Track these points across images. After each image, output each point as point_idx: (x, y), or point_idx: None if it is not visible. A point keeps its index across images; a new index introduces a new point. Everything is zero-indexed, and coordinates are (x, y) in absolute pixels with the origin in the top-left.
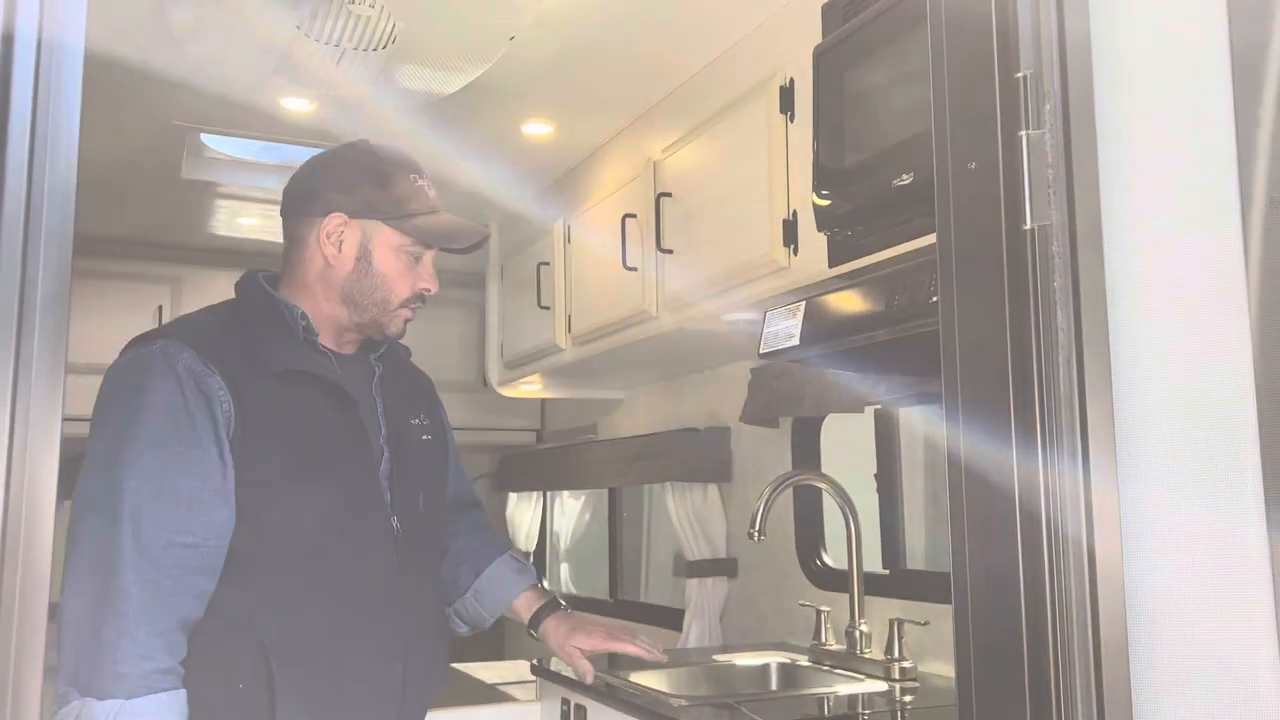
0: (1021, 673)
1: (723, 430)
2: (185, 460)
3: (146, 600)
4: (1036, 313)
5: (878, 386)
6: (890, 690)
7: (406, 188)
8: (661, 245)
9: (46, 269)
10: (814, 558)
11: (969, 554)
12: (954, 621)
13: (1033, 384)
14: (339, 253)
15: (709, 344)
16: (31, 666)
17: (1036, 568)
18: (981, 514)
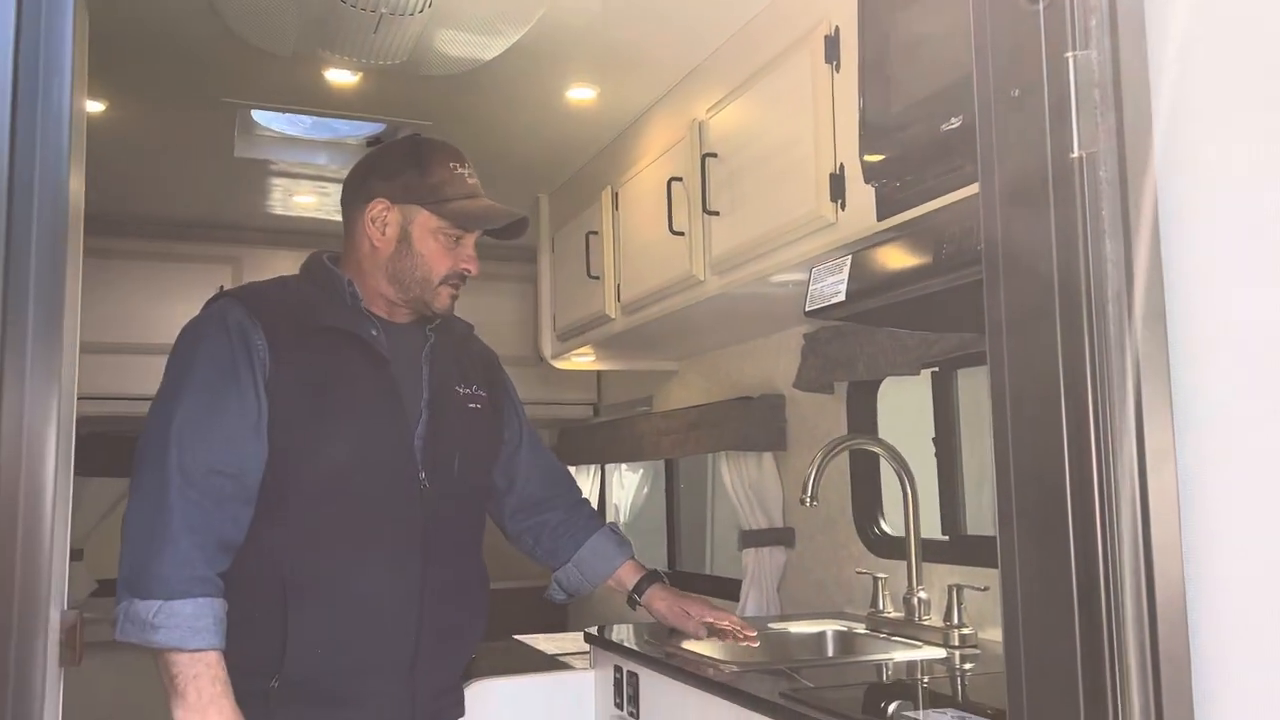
0: (1074, 641)
1: (776, 398)
2: (227, 400)
3: (189, 516)
4: (1085, 245)
5: (934, 347)
6: (949, 657)
7: (445, 174)
8: (707, 207)
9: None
10: (872, 525)
11: (1015, 509)
12: (1001, 590)
13: (1081, 322)
14: (383, 235)
15: (760, 309)
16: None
17: (1088, 518)
18: (1028, 462)
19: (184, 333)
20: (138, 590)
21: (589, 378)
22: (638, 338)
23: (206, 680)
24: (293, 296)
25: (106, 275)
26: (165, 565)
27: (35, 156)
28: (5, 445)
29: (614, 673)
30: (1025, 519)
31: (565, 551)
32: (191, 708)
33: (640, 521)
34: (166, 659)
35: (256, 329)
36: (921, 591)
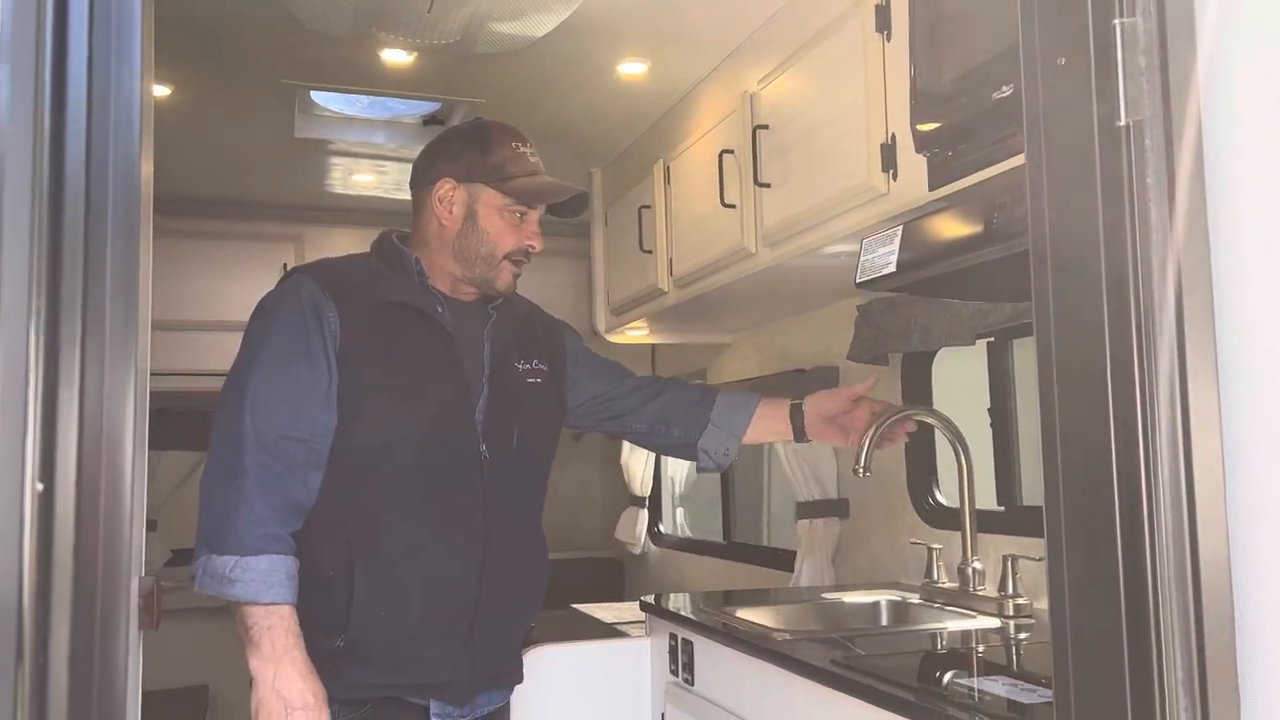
0: (1119, 610)
1: (830, 370)
2: (298, 369)
3: (262, 479)
4: (1131, 212)
5: (989, 316)
6: (1004, 627)
7: (507, 153)
8: (759, 179)
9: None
10: (926, 496)
11: (1061, 477)
12: (1048, 556)
13: (1128, 290)
14: (449, 214)
15: (812, 280)
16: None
17: (1133, 485)
18: (1074, 430)
19: (260, 305)
20: (215, 547)
21: (643, 352)
22: (691, 311)
23: (280, 632)
24: (362, 272)
25: (173, 255)
26: (241, 524)
27: (109, 141)
28: (88, 423)
29: (669, 640)
30: (1071, 487)
31: (702, 416)
32: (266, 657)
33: (696, 494)
34: (242, 611)
35: (328, 302)
36: (976, 562)
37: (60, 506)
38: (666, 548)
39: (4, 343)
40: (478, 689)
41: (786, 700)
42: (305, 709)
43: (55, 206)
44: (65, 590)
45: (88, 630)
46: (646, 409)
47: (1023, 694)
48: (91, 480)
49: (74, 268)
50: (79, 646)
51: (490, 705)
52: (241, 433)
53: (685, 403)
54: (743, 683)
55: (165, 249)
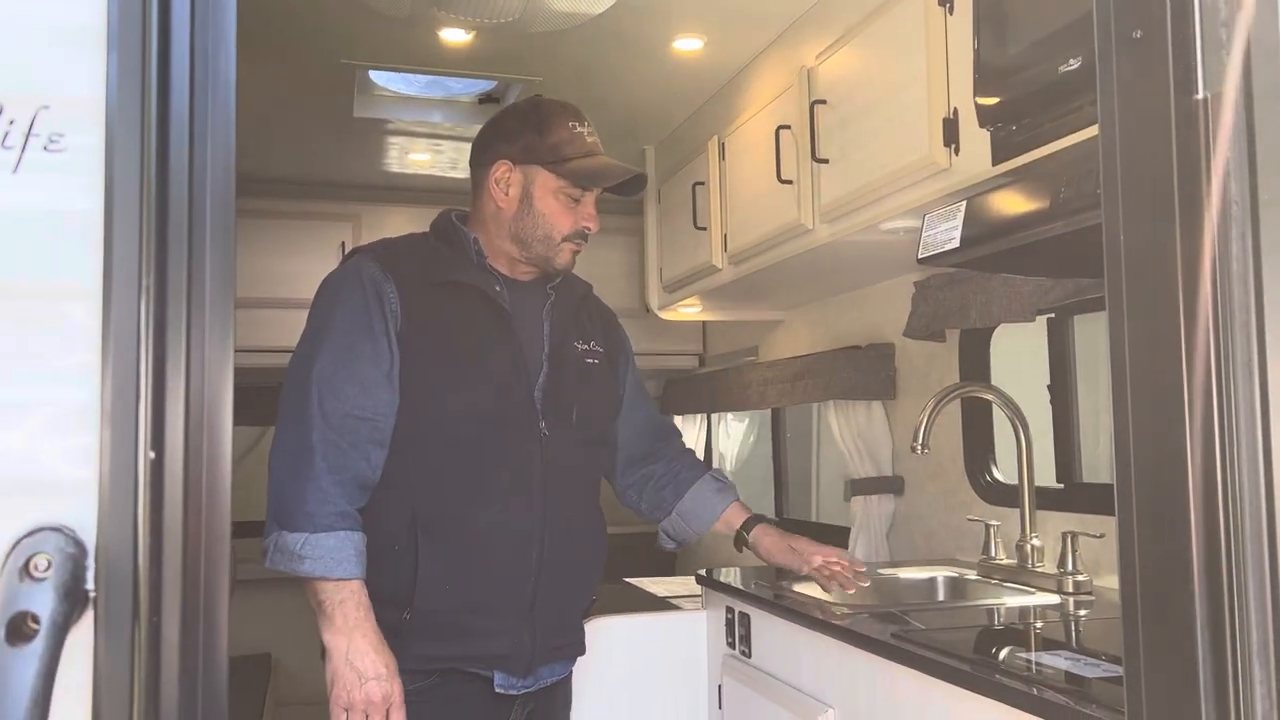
0: (1192, 582)
1: (886, 347)
2: (362, 349)
3: (329, 455)
4: (1209, 190)
5: (1050, 293)
6: (1063, 603)
7: (564, 134)
8: (817, 155)
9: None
10: (984, 473)
11: (1134, 458)
12: (1118, 533)
13: (1204, 268)
14: (506, 195)
15: (868, 257)
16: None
17: (1209, 466)
18: (1147, 411)
19: (323, 286)
20: (286, 524)
21: (695, 328)
22: (744, 288)
23: (351, 605)
24: (422, 253)
25: (238, 235)
26: (310, 502)
27: (209, 125)
28: (193, 396)
29: (725, 613)
30: (1143, 467)
31: (669, 502)
32: (339, 630)
33: (747, 470)
34: (314, 587)
35: (389, 281)
36: (1035, 539)
37: (170, 473)
38: None
39: (116, 318)
40: (540, 660)
41: (845, 673)
42: (379, 679)
43: (161, 189)
44: (176, 554)
45: (195, 592)
46: (636, 462)
47: (1085, 668)
48: (196, 450)
49: (179, 246)
50: (189, 608)
51: (553, 676)
52: (309, 413)
53: (663, 481)
54: (800, 655)
55: None
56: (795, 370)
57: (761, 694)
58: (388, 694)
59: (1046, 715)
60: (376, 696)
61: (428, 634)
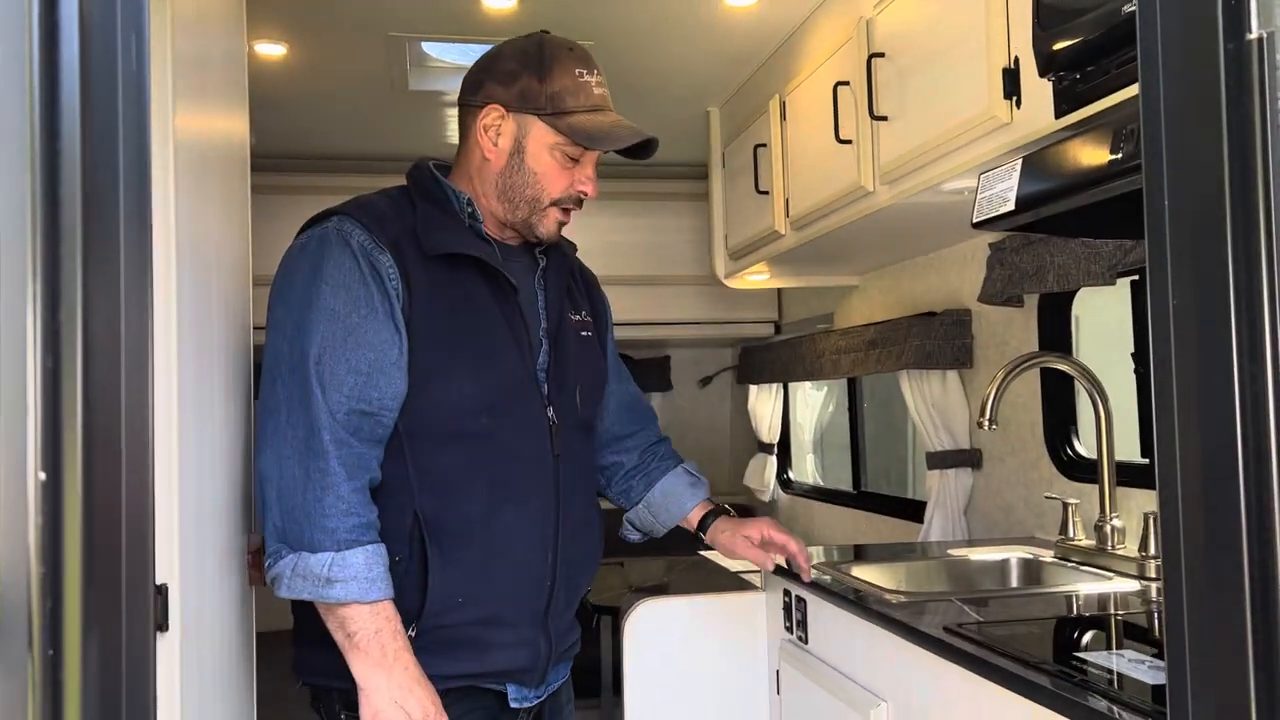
0: (1243, 590)
1: (961, 313)
2: (363, 332)
3: (344, 459)
4: (1263, 137)
5: (1131, 252)
6: (1144, 590)
7: (568, 82)
8: (875, 112)
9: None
10: (1065, 446)
11: (1178, 427)
12: (1161, 516)
13: (1257, 223)
14: (495, 145)
15: (936, 219)
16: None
17: (1260, 432)
18: (1192, 378)
19: (297, 256)
20: (302, 543)
21: (770, 295)
22: (811, 253)
23: (388, 635)
24: (408, 216)
25: (289, 210)
26: (330, 515)
27: (112, 90)
28: (96, 412)
29: (784, 597)
30: (1188, 446)
31: (638, 492)
32: (377, 665)
33: (825, 440)
34: (342, 615)
35: (384, 253)
36: (1116, 519)
37: (68, 496)
38: (796, 495)
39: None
40: (550, 666)
41: (898, 664)
42: (427, 717)
43: (50, 181)
44: (76, 586)
45: (103, 631)
46: (610, 444)
47: (1148, 672)
48: (101, 469)
49: (72, 244)
50: (98, 648)
51: (558, 681)
52: (314, 409)
53: (633, 471)
54: (854, 644)
55: (282, 205)
56: (868, 338)
57: (817, 682)
58: None
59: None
60: None
61: (437, 651)
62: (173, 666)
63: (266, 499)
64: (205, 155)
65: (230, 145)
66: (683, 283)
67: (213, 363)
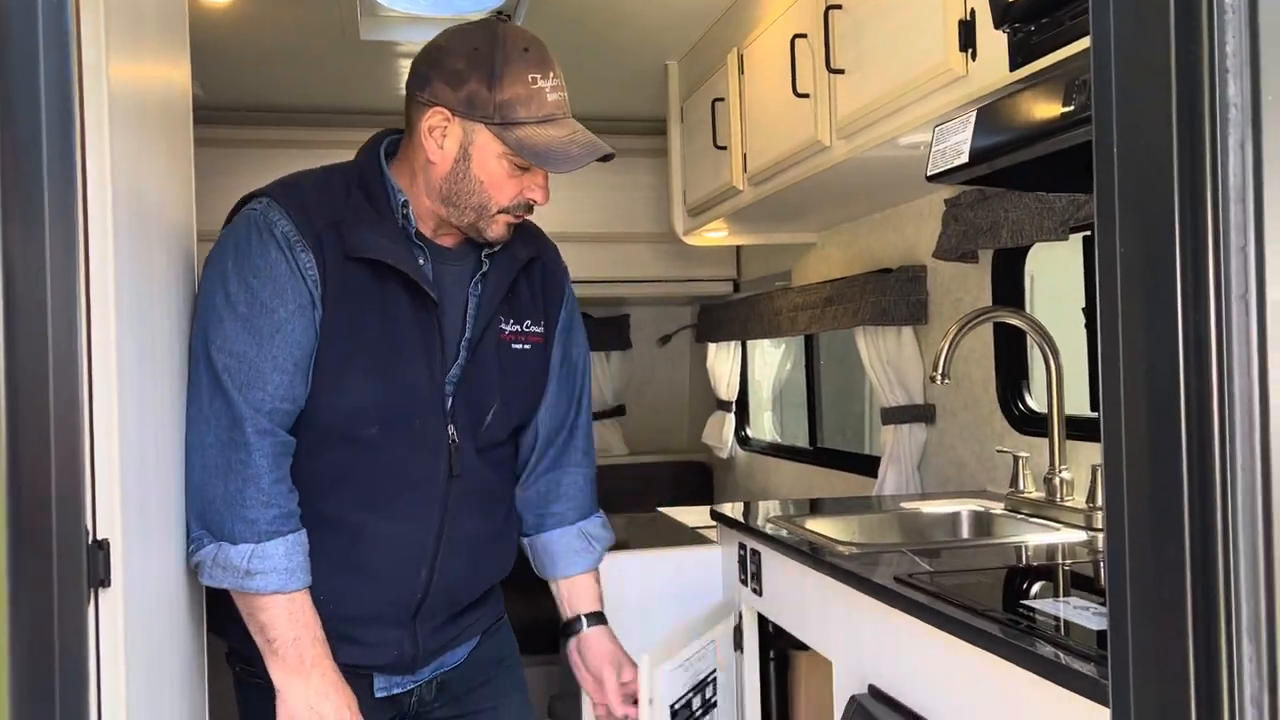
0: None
1: (917, 269)
2: (290, 329)
3: (267, 451)
4: (1211, 85)
5: (1084, 207)
6: (1090, 540)
7: (520, 90)
8: (832, 65)
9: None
10: (1016, 401)
11: (1123, 394)
12: (1104, 475)
13: (1204, 173)
14: (440, 149)
15: (892, 176)
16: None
17: (1203, 405)
18: (1136, 323)
19: (227, 241)
20: (222, 534)
21: (728, 253)
22: (769, 210)
23: (307, 642)
24: (341, 207)
25: (238, 164)
26: (250, 507)
27: None
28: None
29: (739, 550)
30: (1133, 407)
31: (526, 529)
32: (293, 670)
33: (782, 397)
34: (262, 621)
35: (305, 250)
36: (1065, 471)
37: None
38: (754, 452)
39: None
40: (423, 662)
41: (848, 616)
42: None
43: None
44: None
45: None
46: (535, 468)
47: (1095, 618)
48: (30, 424)
49: None
50: (22, 604)
51: (446, 666)
52: (235, 401)
53: (540, 505)
54: (807, 595)
55: (227, 159)
56: (825, 295)
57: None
58: None
59: (1055, 676)
60: None
61: None
62: (116, 623)
63: (189, 481)
64: (144, 105)
65: (171, 96)
66: (641, 240)
67: (153, 316)
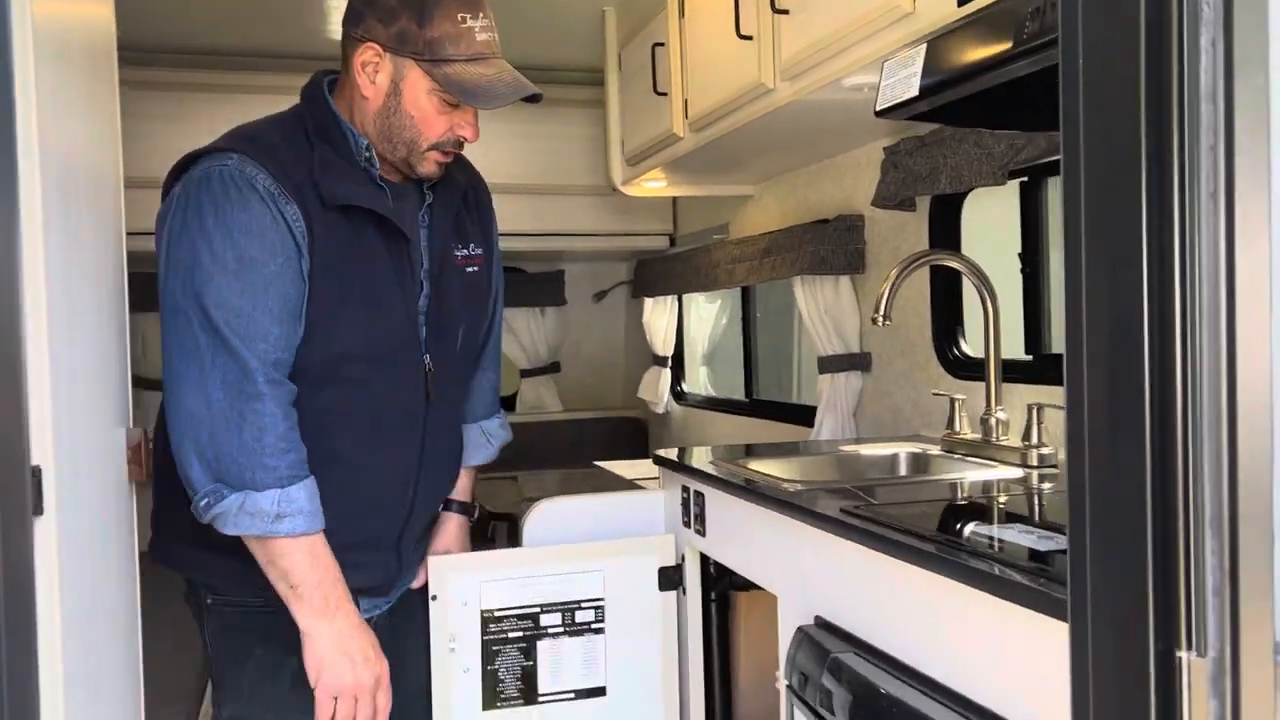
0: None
1: (854, 219)
2: (282, 282)
3: (278, 399)
4: (1179, 12)
5: (1023, 151)
6: (1026, 477)
7: (449, 28)
8: (776, 4)
9: None
10: (951, 346)
11: (1086, 311)
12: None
13: (1170, 90)
14: (372, 84)
15: (836, 120)
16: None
17: (1165, 298)
18: (1101, 250)
19: (198, 194)
20: (244, 483)
21: (664, 207)
22: (709, 158)
23: (329, 584)
24: (308, 160)
25: (162, 107)
26: (270, 454)
27: None
28: None
29: (682, 493)
30: (1095, 322)
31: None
32: (319, 613)
33: (718, 352)
34: (285, 568)
35: (290, 202)
36: (1000, 412)
37: None
38: (689, 406)
39: None
40: (398, 584)
41: (794, 550)
42: (368, 661)
43: None
44: None
45: None
46: None
47: (1040, 541)
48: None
49: None
50: None
51: (405, 585)
52: (242, 355)
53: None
54: (752, 533)
55: (151, 102)
56: (762, 247)
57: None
58: (377, 675)
59: (998, 591)
60: (368, 680)
61: None
62: (50, 550)
63: (196, 437)
64: (68, 44)
65: (94, 34)
66: (577, 193)
67: (81, 258)
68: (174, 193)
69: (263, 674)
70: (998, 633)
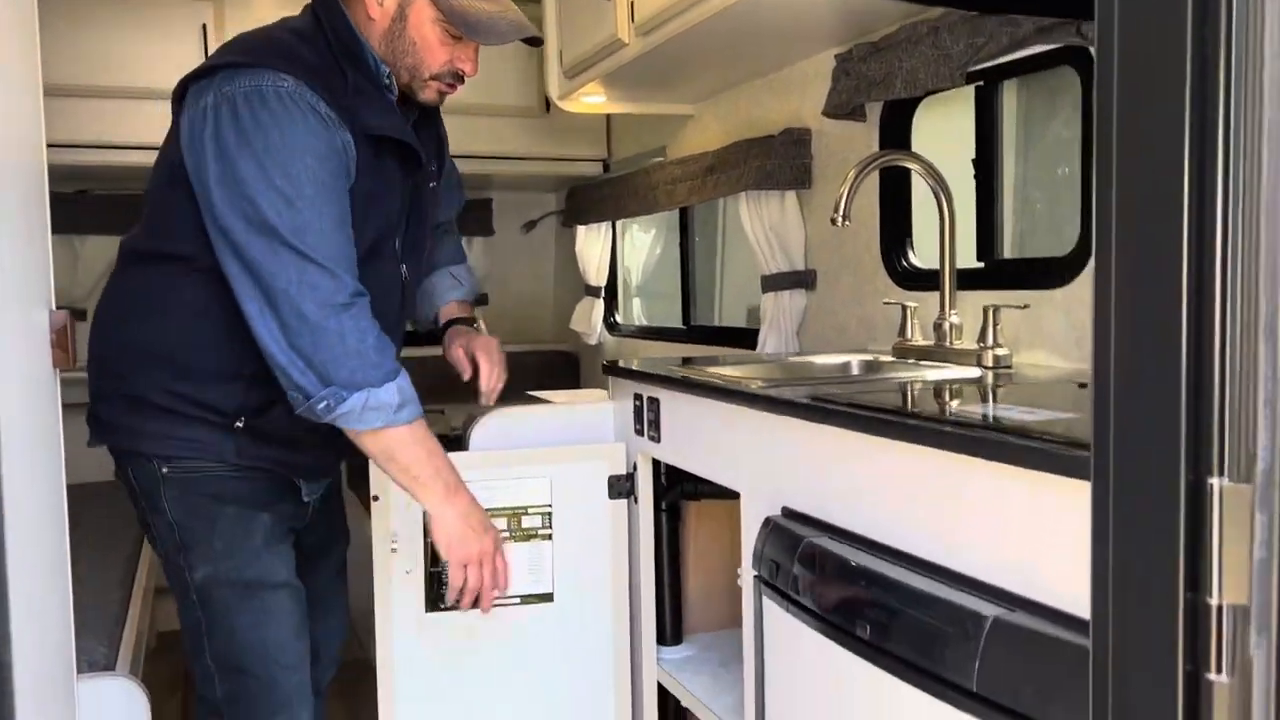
0: None
1: (801, 132)
2: (344, 201)
3: (365, 307)
4: None
5: (980, 50)
6: (982, 376)
7: None
8: None
9: None
10: (900, 257)
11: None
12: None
13: None
14: (380, 6)
15: (790, 19)
16: None
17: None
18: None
19: (259, 109)
20: (359, 383)
21: (598, 130)
22: (652, 69)
23: (446, 471)
24: (344, 86)
25: (89, 13)
26: (375, 354)
27: None
28: None
29: (634, 401)
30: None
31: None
32: (443, 497)
33: (654, 281)
34: (405, 462)
35: (344, 129)
36: (954, 315)
37: None
38: (623, 336)
39: None
40: (332, 472)
41: (759, 445)
42: (488, 530)
43: None
44: None
45: None
46: None
47: (1017, 414)
48: None
49: None
50: None
51: (331, 475)
52: (332, 270)
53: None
54: (716, 435)
55: (76, 6)
56: (706, 165)
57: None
58: (497, 540)
59: (986, 453)
60: (490, 547)
61: (258, 441)
62: None
63: (305, 352)
64: None
65: None
66: (508, 114)
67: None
68: (207, 104)
69: (236, 531)
70: (997, 501)
